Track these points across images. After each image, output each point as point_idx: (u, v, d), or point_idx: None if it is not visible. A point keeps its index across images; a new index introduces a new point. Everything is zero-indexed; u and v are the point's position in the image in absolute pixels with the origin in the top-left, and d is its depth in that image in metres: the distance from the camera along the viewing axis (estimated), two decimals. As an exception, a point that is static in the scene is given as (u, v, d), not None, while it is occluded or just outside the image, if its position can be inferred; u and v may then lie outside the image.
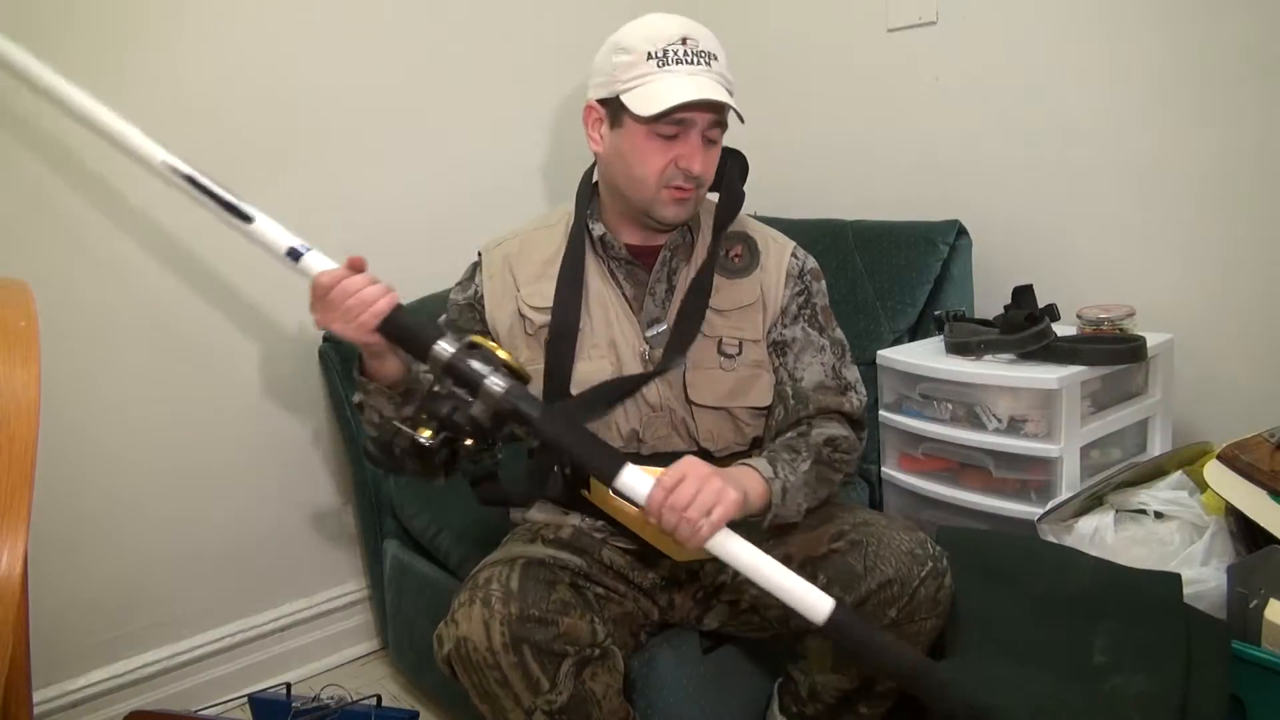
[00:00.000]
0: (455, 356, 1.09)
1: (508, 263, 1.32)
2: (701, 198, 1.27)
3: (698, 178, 1.22)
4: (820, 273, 1.36)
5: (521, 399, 1.08)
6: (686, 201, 1.24)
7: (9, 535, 0.67)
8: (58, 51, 1.54)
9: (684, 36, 1.20)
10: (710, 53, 1.21)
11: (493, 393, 1.07)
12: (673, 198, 1.23)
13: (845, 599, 1.10)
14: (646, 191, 1.23)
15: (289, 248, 1.18)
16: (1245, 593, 1.17)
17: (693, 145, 1.20)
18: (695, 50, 1.19)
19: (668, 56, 1.19)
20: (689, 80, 1.18)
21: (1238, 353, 1.56)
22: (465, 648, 1.06)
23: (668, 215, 1.25)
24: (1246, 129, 1.49)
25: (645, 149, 1.21)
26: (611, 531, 1.29)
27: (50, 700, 1.65)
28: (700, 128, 1.20)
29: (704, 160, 1.22)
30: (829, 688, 1.23)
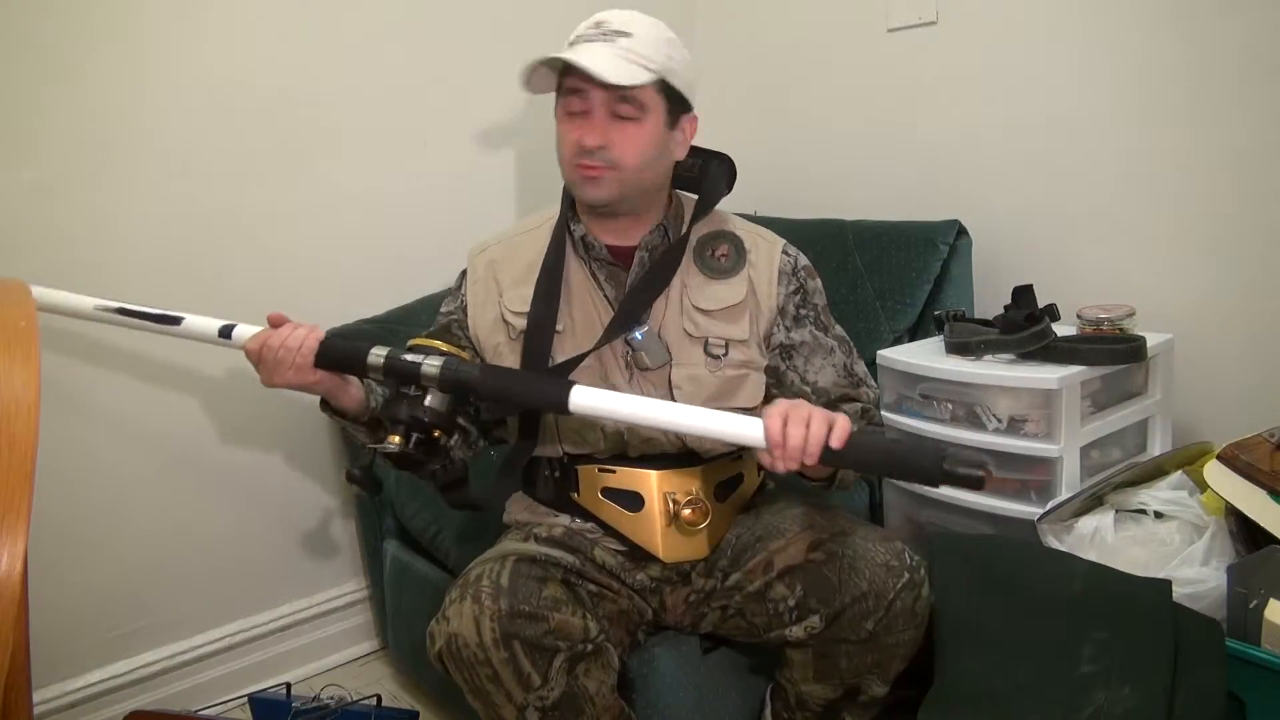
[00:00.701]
0: (390, 356, 1.12)
1: (492, 268, 1.32)
2: (631, 181, 1.21)
3: (594, 152, 1.18)
4: (814, 270, 1.35)
5: (460, 368, 1.10)
6: (598, 180, 1.20)
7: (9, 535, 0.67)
8: (65, 50, 1.55)
9: (599, 20, 1.19)
10: (620, 30, 1.17)
11: (431, 374, 1.09)
12: (582, 176, 1.21)
13: (822, 610, 1.13)
14: (566, 173, 1.24)
15: (219, 329, 1.24)
16: (1245, 593, 1.17)
17: (592, 120, 1.18)
18: (605, 30, 1.18)
19: (577, 39, 1.20)
20: (576, 51, 1.17)
21: (1238, 353, 1.56)
22: (456, 644, 1.06)
23: (584, 196, 1.23)
24: (1247, 129, 1.49)
25: (560, 129, 1.23)
26: (602, 533, 1.29)
27: (50, 700, 1.65)
28: (601, 102, 1.18)
29: (604, 134, 1.18)
30: (814, 697, 1.23)
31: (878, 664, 1.18)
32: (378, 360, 1.12)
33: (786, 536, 1.22)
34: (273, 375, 1.17)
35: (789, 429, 0.99)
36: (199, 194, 1.70)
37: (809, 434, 0.99)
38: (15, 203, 1.54)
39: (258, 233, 1.76)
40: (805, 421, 1.00)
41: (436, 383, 1.09)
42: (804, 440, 0.99)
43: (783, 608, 1.17)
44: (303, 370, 1.15)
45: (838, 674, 1.19)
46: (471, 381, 1.10)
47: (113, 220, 1.63)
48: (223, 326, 1.24)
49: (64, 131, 1.57)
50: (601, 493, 1.28)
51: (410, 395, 1.10)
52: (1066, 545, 1.35)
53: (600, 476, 1.28)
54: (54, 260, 1.58)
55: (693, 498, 1.25)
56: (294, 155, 1.78)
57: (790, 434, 0.99)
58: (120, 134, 1.62)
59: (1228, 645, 1.13)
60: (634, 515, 1.27)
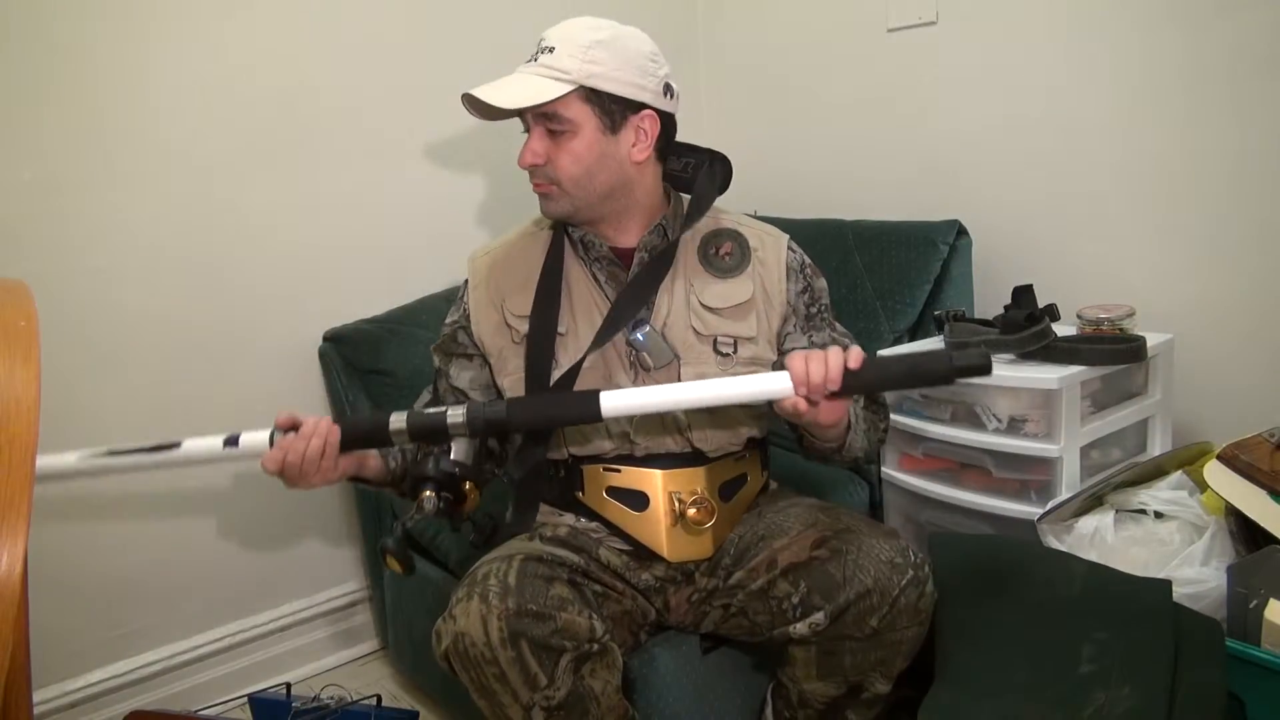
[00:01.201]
0: (411, 416, 1.13)
1: (493, 272, 1.33)
2: (578, 193, 1.23)
3: (535, 171, 1.23)
4: (818, 269, 1.37)
5: (485, 408, 1.12)
6: (548, 197, 1.25)
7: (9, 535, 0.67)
8: (66, 51, 1.55)
9: (541, 38, 1.22)
10: (548, 47, 1.20)
11: (459, 422, 1.11)
12: (536, 191, 1.26)
13: (826, 607, 1.14)
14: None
15: (223, 440, 1.19)
16: (1245, 593, 1.17)
17: (527, 141, 1.23)
18: (540, 48, 1.21)
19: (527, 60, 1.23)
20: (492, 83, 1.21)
21: (1238, 353, 1.56)
22: (463, 643, 1.06)
23: (543, 211, 1.28)
24: (1247, 129, 1.49)
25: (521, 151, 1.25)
26: (607, 532, 1.29)
27: (50, 700, 1.66)
28: (534, 122, 1.22)
29: (532, 153, 1.22)
30: (816, 695, 1.23)
31: (881, 661, 1.18)
32: (400, 425, 1.13)
33: (790, 534, 1.22)
34: (298, 483, 1.18)
35: (810, 365, 1.07)
36: (200, 194, 1.70)
37: (829, 364, 1.07)
38: (16, 202, 1.54)
39: (258, 233, 1.77)
40: (823, 357, 1.08)
41: (466, 429, 1.11)
42: (825, 369, 1.07)
43: (786, 605, 1.17)
44: (327, 475, 1.17)
45: (841, 671, 1.19)
46: (501, 419, 1.11)
47: (113, 220, 1.63)
48: (227, 438, 1.19)
49: (65, 132, 1.57)
50: (607, 492, 1.28)
51: (434, 452, 1.12)
52: (1066, 545, 1.35)
53: (605, 476, 1.28)
54: (55, 260, 1.58)
55: (698, 497, 1.25)
56: (295, 155, 1.78)
57: (812, 369, 1.07)
58: (121, 134, 1.62)
59: (1228, 645, 1.13)
60: (639, 515, 1.27)
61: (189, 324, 1.72)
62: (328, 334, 1.83)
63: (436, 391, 1.38)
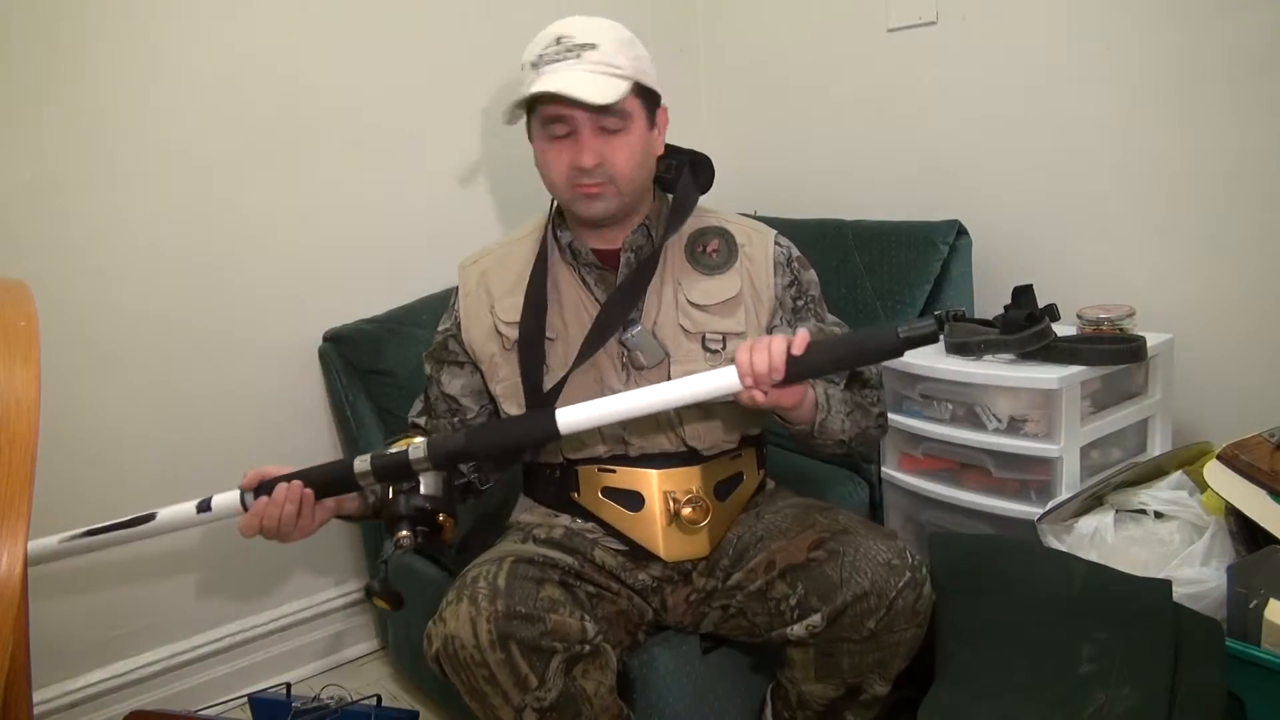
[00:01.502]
0: (374, 458, 1.14)
1: (483, 279, 1.33)
2: (628, 190, 1.23)
3: (593, 171, 1.20)
4: (806, 261, 1.36)
5: (446, 442, 1.13)
6: (600, 197, 1.22)
7: (9, 535, 0.67)
8: (67, 50, 1.55)
9: (559, 36, 1.19)
10: (585, 44, 1.18)
11: (421, 457, 1.12)
12: (583, 194, 1.22)
13: (824, 608, 1.14)
14: (563, 194, 1.25)
15: (195, 506, 1.23)
16: (1245, 593, 1.17)
17: (581, 141, 1.19)
18: (568, 46, 1.18)
19: (541, 60, 1.19)
20: (550, 77, 1.17)
21: (1238, 353, 1.56)
22: (453, 645, 1.06)
23: (587, 213, 1.24)
24: (1247, 129, 1.49)
25: (546, 154, 1.23)
26: (603, 532, 1.29)
27: (50, 700, 1.66)
28: (585, 121, 1.19)
29: (595, 153, 1.19)
30: (814, 696, 1.23)
31: (879, 663, 1.18)
32: (365, 467, 1.15)
33: (788, 536, 1.22)
34: (278, 538, 1.19)
35: (754, 356, 1.07)
36: (200, 194, 1.70)
37: (771, 351, 1.07)
38: (17, 202, 1.54)
39: (258, 232, 1.77)
40: (766, 345, 1.08)
41: (429, 464, 1.12)
42: (768, 357, 1.06)
43: (784, 606, 1.17)
44: (306, 528, 1.19)
45: (839, 673, 1.19)
46: (461, 450, 1.13)
47: (114, 220, 1.63)
48: (198, 504, 1.22)
49: (65, 132, 1.57)
50: (602, 493, 1.28)
51: (404, 489, 1.13)
52: (1066, 545, 1.35)
53: (600, 476, 1.28)
54: (55, 260, 1.58)
55: (693, 496, 1.25)
56: (295, 155, 1.78)
57: (756, 360, 1.07)
58: (121, 134, 1.62)
59: (1228, 645, 1.13)
60: (635, 515, 1.27)
61: (189, 324, 1.72)
62: (328, 334, 1.83)
63: (428, 399, 1.38)
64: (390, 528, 1.12)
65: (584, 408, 1.12)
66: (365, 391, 1.80)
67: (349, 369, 1.81)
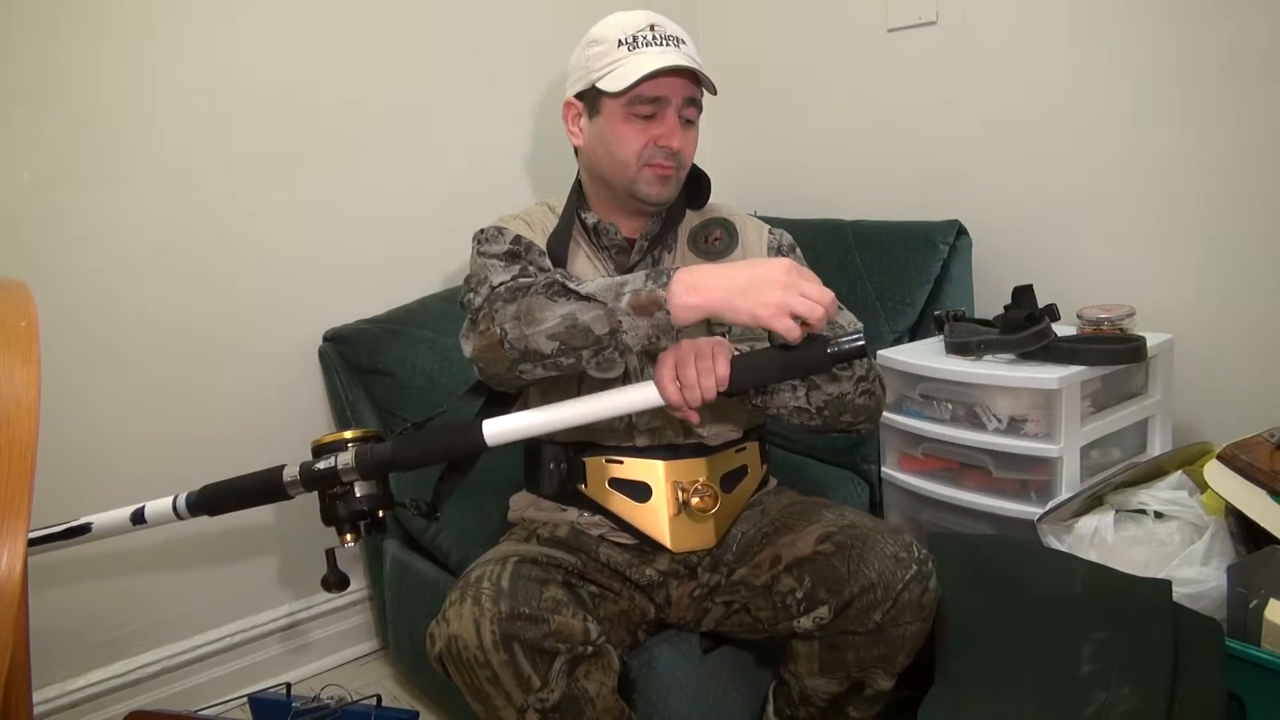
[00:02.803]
0: (302, 469, 1.15)
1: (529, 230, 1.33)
2: (682, 179, 1.29)
3: (677, 154, 1.25)
4: (795, 244, 1.40)
5: (373, 451, 1.13)
6: (668, 180, 1.26)
7: (9, 535, 0.66)
8: (67, 50, 1.55)
9: (651, 24, 1.24)
10: (677, 37, 1.25)
11: (349, 467, 1.12)
12: (655, 174, 1.25)
13: (831, 601, 1.14)
14: (628, 172, 1.25)
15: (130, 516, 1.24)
16: (1245, 593, 1.17)
17: (670, 123, 1.24)
18: (663, 34, 1.24)
19: (637, 40, 1.23)
20: (659, 56, 1.21)
21: (1238, 353, 1.56)
22: (456, 646, 1.06)
23: (651, 194, 1.26)
24: (1247, 129, 1.49)
25: (624, 131, 1.24)
26: (610, 527, 1.29)
27: (50, 700, 1.66)
28: (675, 105, 1.24)
29: (682, 138, 1.25)
30: (818, 691, 1.23)
31: (884, 657, 1.18)
32: (293, 475, 1.15)
33: (795, 531, 1.23)
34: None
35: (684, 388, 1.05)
36: (200, 194, 1.70)
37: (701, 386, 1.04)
38: (16, 202, 1.54)
39: (259, 233, 1.77)
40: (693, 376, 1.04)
41: (357, 474, 1.13)
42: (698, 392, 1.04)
43: (790, 600, 1.18)
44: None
45: (844, 667, 1.19)
46: (388, 460, 1.13)
47: (114, 220, 1.63)
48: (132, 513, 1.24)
49: (65, 131, 1.57)
50: (609, 483, 1.29)
51: (339, 494, 1.14)
52: (1066, 545, 1.35)
53: (608, 467, 1.29)
54: (55, 260, 1.58)
55: (700, 485, 1.27)
56: (295, 155, 1.78)
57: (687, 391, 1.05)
58: (121, 134, 1.62)
59: (1228, 645, 1.13)
60: (642, 505, 1.28)
61: (189, 324, 1.72)
62: (328, 334, 1.83)
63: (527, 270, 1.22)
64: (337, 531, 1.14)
65: (512, 419, 1.11)
66: (365, 391, 1.80)
67: (349, 369, 1.81)
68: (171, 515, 1.22)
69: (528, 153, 2.06)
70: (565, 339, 1.05)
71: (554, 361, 1.07)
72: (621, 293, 1.03)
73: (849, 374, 1.22)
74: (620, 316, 1.03)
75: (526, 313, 1.07)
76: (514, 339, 1.07)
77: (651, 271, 1.05)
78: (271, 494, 1.18)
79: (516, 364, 1.09)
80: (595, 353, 1.05)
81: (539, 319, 1.06)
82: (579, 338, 1.04)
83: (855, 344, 1.04)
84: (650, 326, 1.03)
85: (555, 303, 1.06)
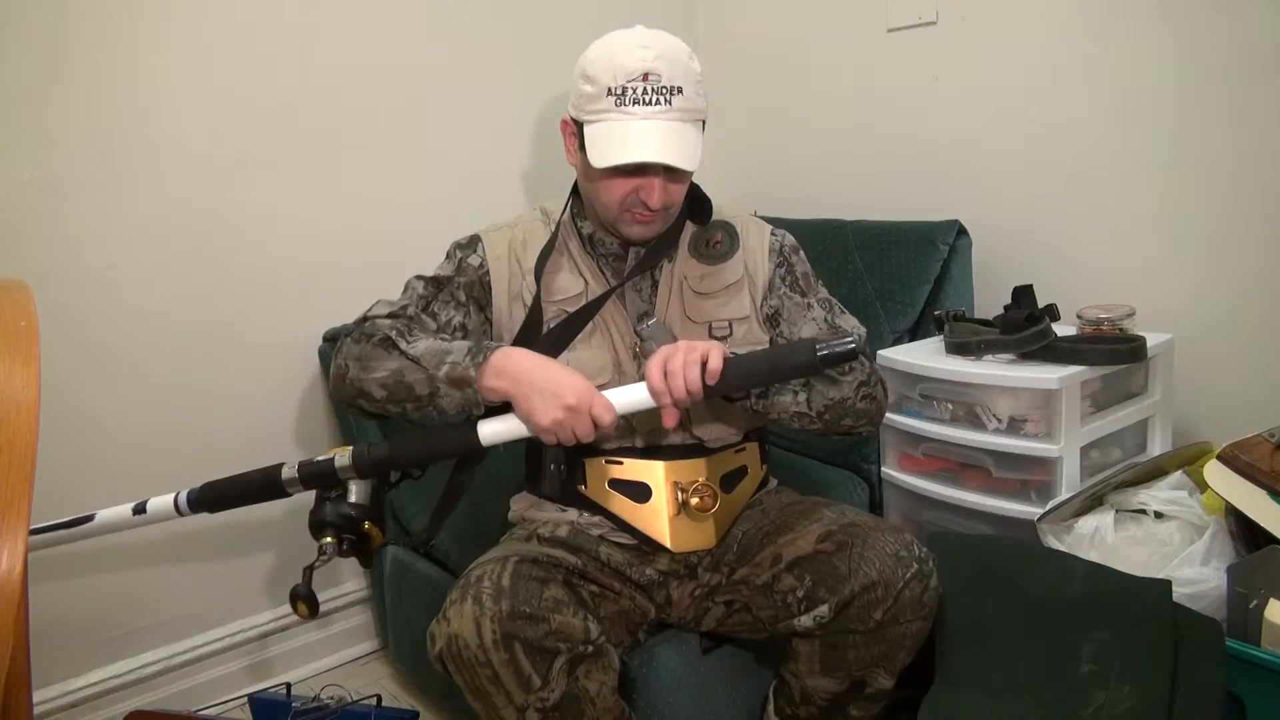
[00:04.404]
0: (301, 465, 1.16)
1: (513, 249, 1.33)
2: (672, 215, 1.27)
3: (658, 209, 1.22)
4: (798, 246, 1.39)
5: (370, 450, 1.14)
6: (651, 224, 1.25)
7: (9, 535, 0.66)
8: (67, 50, 1.55)
9: (645, 73, 1.16)
10: (673, 87, 1.16)
11: (346, 465, 1.14)
12: (635, 219, 1.24)
13: (831, 599, 1.14)
14: (611, 214, 1.25)
15: (131, 509, 1.26)
16: (1245, 593, 1.17)
17: (652, 183, 1.20)
18: (656, 87, 1.16)
19: (626, 95, 1.16)
20: (642, 128, 1.16)
21: (1238, 353, 1.56)
22: (457, 645, 1.07)
23: (633, 234, 1.26)
24: (1247, 129, 1.49)
25: (607, 181, 1.22)
26: (611, 526, 1.29)
27: (50, 700, 1.65)
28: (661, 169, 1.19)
29: (664, 194, 1.21)
30: (819, 690, 1.23)
31: (884, 655, 1.18)
32: (292, 474, 1.16)
33: (796, 530, 1.23)
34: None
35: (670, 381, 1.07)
36: (200, 193, 1.70)
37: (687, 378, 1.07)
38: (16, 202, 1.54)
39: (259, 232, 1.77)
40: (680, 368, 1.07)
41: (354, 472, 1.14)
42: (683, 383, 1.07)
43: (791, 599, 1.18)
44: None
45: (845, 666, 1.19)
46: (385, 459, 1.14)
47: (114, 220, 1.63)
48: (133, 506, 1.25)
49: (65, 131, 1.57)
50: (609, 484, 1.29)
51: (332, 497, 1.14)
52: (1066, 545, 1.35)
53: (607, 468, 1.29)
54: (55, 260, 1.58)
55: (700, 485, 1.27)
56: (296, 156, 1.78)
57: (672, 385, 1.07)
58: (121, 134, 1.62)
59: (1228, 645, 1.13)
60: (642, 506, 1.28)
61: (189, 324, 1.72)
62: (328, 334, 1.83)
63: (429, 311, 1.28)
64: (315, 534, 1.14)
65: (507, 419, 1.13)
66: (365, 391, 1.80)
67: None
68: (173, 512, 1.23)
69: (528, 153, 2.06)
70: (393, 391, 1.16)
71: (383, 407, 1.18)
72: (443, 362, 1.13)
73: (850, 379, 1.23)
74: (439, 383, 1.13)
75: (366, 358, 1.18)
76: (353, 378, 1.18)
77: (475, 346, 1.14)
78: (271, 491, 1.19)
79: (355, 398, 1.19)
80: (418, 408, 1.16)
81: (373, 367, 1.17)
82: (404, 392, 1.15)
83: (846, 346, 1.06)
84: (462, 398, 1.13)
85: (390, 355, 1.16)
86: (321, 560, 1.12)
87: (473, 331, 1.30)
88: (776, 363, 1.10)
